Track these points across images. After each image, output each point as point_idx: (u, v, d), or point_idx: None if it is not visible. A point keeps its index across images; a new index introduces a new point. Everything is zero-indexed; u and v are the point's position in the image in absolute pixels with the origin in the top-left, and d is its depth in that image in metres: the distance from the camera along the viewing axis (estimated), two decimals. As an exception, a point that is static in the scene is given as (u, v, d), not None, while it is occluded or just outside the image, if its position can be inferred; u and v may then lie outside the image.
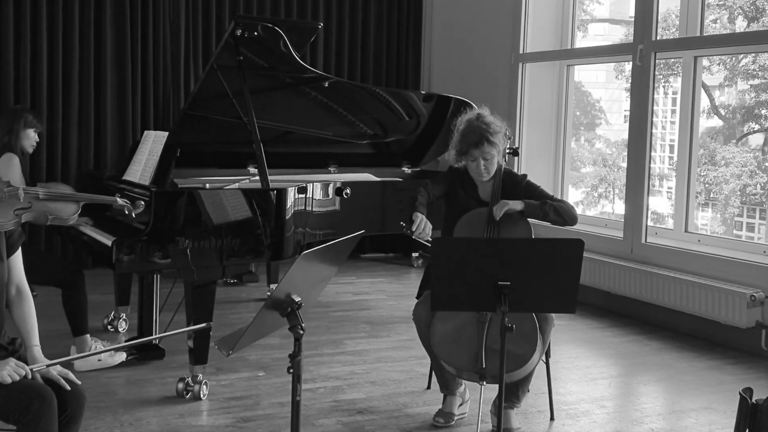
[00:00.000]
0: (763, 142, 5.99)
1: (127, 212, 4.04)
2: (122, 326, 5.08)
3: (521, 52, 6.90)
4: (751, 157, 5.97)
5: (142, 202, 4.01)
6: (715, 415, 4.00)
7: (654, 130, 5.92)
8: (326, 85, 5.05)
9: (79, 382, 2.64)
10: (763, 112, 5.99)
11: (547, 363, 3.85)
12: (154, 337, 4.43)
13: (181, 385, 3.98)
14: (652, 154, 5.95)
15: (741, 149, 6.06)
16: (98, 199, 4.06)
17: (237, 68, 4.32)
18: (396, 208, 5.16)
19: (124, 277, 5.03)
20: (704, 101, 6.05)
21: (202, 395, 3.97)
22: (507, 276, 2.99)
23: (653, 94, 5.79)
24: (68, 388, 2.55)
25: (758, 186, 5.93)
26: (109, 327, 5.09)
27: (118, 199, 4.06)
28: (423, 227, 3.61)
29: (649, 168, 5.86)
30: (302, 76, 4.88)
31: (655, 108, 5.89)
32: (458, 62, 7.67)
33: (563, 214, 3.69)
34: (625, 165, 6.78)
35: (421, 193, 3.78)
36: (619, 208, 6.87)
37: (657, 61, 5.86)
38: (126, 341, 4.68)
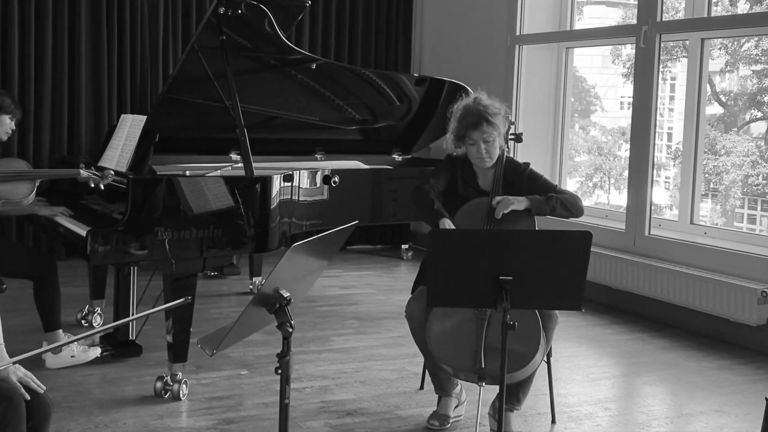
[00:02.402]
0: (766, 131, 5.88)
1: (93, 185, 3.94)
2: (97, 321, 4.94)
3: (518, 33, 6.74)
4: (753, 146, 5.84)
5: (112, 172, 3.90)
6: (726, 418, 3.85)
7: (653, 118, 5.76)
8: (313, 67, 4.95)
9: (43, 389, 2.47)
10: (765, 98, 5.87)
11: (548, 362, 3.70)
12: (129, 319, 4.27)
13: (159, 384, 3.87)
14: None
15: (743, 138, 5.96)
16: (58, 173, 3.93)
17: (219, 49, 4.23)
18: (387, 198, 5.10)
19: (99, 269, 4.92)
20: (704, 87, 5.89)
21: (181, 395, 3.86)
22: (509, 270, 2.88)
23: (658, 78, 5.62)
24: (27, 397, 2.37)
25: (760, 176, 5.82)
26: (83, 322, 4.94)
27: (82, 171, 3.94)
28: None
29: (654, 157, 5.69)
30: (288, 57, 4.78)
31: (655, 94, 5.73)
32: (451, 44, 7.50)
33: (570, 207, 3.57)
34: (621, 153, 6.63)
35: (430, 193, 3.58)
36: (615, 198, 6.73)
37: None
38: (99, 335, 4.51)
